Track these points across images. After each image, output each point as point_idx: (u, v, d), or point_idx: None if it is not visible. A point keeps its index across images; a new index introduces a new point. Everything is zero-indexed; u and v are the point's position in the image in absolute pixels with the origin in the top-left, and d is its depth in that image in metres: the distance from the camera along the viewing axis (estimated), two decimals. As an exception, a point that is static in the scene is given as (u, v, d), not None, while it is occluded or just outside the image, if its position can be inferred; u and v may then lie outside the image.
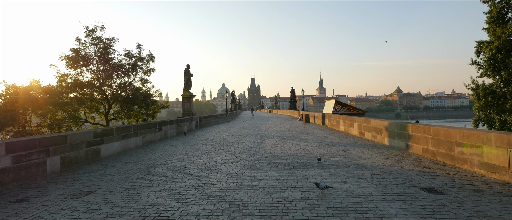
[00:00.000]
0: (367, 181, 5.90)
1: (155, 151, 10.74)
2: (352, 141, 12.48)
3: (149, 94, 18.40)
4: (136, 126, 11.71)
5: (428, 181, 5.86)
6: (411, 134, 9.00)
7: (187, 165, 7.89)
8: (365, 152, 9.42)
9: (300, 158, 8.55)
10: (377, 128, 11.82)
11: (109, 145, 9.50)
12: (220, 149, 10.82)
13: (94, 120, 18.15)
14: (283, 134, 16.05)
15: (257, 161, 8.29)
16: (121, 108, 17.90)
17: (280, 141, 12.72)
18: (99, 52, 15.98)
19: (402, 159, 8.15)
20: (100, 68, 16.21)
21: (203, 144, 12.44)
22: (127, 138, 10.74)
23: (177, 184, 5.97)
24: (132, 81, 17.88)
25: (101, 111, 17.58)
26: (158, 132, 13.93)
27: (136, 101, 16.74)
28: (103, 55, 16.04)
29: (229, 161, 8.32)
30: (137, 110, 18.52)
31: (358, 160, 8.12)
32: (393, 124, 10.35)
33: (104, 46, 15.99)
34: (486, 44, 22.38)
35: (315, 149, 10.37)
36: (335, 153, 9.35)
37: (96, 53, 15.97)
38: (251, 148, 10.87)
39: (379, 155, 8.81)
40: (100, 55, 16.05)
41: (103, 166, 7.99)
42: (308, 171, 6.92)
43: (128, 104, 17.06)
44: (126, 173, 7.16)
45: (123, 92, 17.20)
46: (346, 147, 10.64)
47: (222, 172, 7.00)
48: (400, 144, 9.79)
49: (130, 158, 9.18)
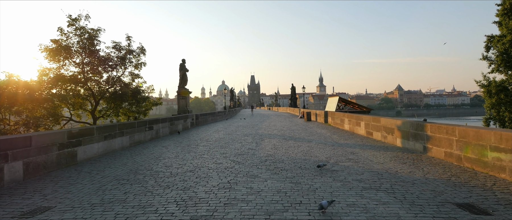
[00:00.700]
0: (388, 195, 4.83)
1: (143, 152, 9.67)
2: (360, 141, 11.41)
3: (140, 90, 17.15)
4: (122, 124, 10.62)
5: (463, 194, 4.79)
6: (430, 135, 7.91)
7: (174, 171, 6.81)
8: (377, 155, 8.35)
9: (304, 163, 7.48)
10: (388, 127, 10.74)
11: (88, 147, 8.41)
12: (215, 150, 9.75)
13: (81, 118, 17.02)
14: (283, 133, 14.97)
15: (254, 166, 7.22)
16: (108, 106, 16.74)
17: (280, 141, 11.65)
18: (83, 44, 14.78)
19: (422, 164, 7.08)
20: (84, 61, 15.01)
21: (197, 144, 11.36)
22: (110, 138, 9.65)
23: (156, 198, 4.89)
24: (121, 76, 16.69)
25: (88, 108, 16.42)
26: (148, 131, 12.84)
27: (125, 97, 15.57)
28: (87, 47, 14.84)
29: (222, 166, 7.24)
30: (128, 107, 17.37)
31: (371, 165, 7.04)
32: (407, 123, 9.26)
33: (89, 37, 14.78)
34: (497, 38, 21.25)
35: (320, 150, 9.29)
36: (343, 156, 8.27)
37: (80, 45, 14.78)
38: (249, 149, 9.80)
39: (394, 159, 7.74)
40: (85, 47, 14.85)
41: (77, 172, 6.92)
42: (315, 179, 5.84)
43: (116, 101, 15.87)
44: (101, 181, 6.09)
45: (111, 88, 15.98)
46: (354, 149, 9.56)
47: (213, 180, 5.92)
48: (416, 146, 8.71)
49: (111, 162, 8.10)
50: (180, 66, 21.07)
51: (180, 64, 21.10)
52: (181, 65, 21.08)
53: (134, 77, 17.43)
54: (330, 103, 25.89)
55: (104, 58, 15.65)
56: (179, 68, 21.07)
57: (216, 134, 15.06)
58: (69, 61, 14.45)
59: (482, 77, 20.86)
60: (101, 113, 16.73)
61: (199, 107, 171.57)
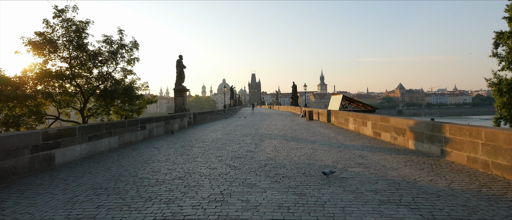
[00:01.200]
0: (413, 212, 4.00)
1: (131, 155, 8.86)
2: (367, 142, 10.58)
3: (132, 86, 16.24)
4: (109, 124, 9.81)
5: (503, 212, 3.96)
6: (449, 137, 7.08)
7: (161, 178, 5.99)
8: (389, 159, 7.51)
9: (309, 168, 6.65)
10: (398, 128, 9.90)
11: (68, 149, 7.60)
12: (210, 153, 8.93)
13: (69, 116, 16.14)
14: (285, 133, 14.14)
15: (253, 172, 6.39)
16: (98, 103, 15.83)
17: (282, 142, 10.82)
18: (70, 37, 13.88)
19: (442, 170, 6.24)
20: (72, 55, 14.11)
21: (191, 146, 10.55)
22: (96, 139, 8.83)
23: (132, 215, 4.08)
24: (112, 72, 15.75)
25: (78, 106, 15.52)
26: (141, 131, 12.03)
27: (115, 94, 14.68)
28: (75, 40, 13.94)
29: (216, 172, 6.42)
30: (120, 105, 16.47)
31: (384, 172, 6.21)
32: (422, 123, 8.42)
33: (76, 29, 13.88)
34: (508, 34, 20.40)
35: (325, 153, 8.47)
36: (351, 160, 7.44)
37: (68, 38, 13.88)
38: (247, 152, 8.97)
39: (409, 164, 6.90)
40: (72, 40, 13.96)
41: (51, 179, 6.10)
42: (322, 190, 5.02)
43: (106, 98, 14.98)
44: (75, 190, 5.28)
45: (101, 85, 15.05)
46: (362, 151, 8.73)
47: (204, 191, 5.10)
48: (432, 149, 7.87)
49: (94, 166, 7.29)
50: (177, 62, 20.24)
51: (177, 61, 20.26)
52: (178, 62, 20.24)
53: (127, 74, 16.53)
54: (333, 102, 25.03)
55: (94, 53, 14.74)
56: (176, 65, 20.24)
57: (214, 134, 14.25)
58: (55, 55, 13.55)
59: (492, 75, 20.00)
60: (91, 111, 15.84)
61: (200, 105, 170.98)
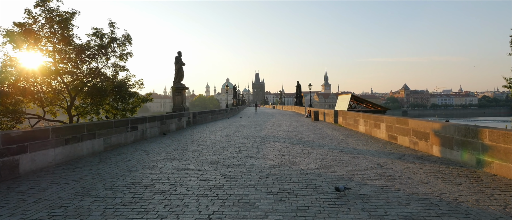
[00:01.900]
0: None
1: (115, 160, 7.77)
2: (382, 147, 9.40)
3: (125, 83, 15.08)
4: (93, 124, 8.73)
5: None
6: (489, 144, 5.89)
7: (139, 193, 4.88)
8: (415, 169, 6.34)
9: (320, 181, 5.50)
10: (419, 131, 8.71)
11: (38, 154, 6.53)
12: (204, 158, 7.82)
13: (57, 115, 15.01)
14: (289, 135, 12.99)
15: (252, 185, 5.26)
16: (85, 102, 14.69)
17: (286, 146, 9.68)
18: (54, 29, 12.76)
19: (486, 187, 5.06)
20: (56, 49, 12.98)
21: (185, 149, 9.44)
22: (75, 141, 7.76)
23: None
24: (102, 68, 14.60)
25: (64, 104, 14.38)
26: (132, 132, 10.95)
27: (103, 92, 13.55)
28: (59, 32, 12.82)
29: (208, 185, 5.30)
30: (113, 103, 15.34)
31: (413, 187, 5.05)
32: (451, 127, 7.22)
33: (60, 20, 12.78)
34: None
35: (336, 160, 7.31)
36: (369, 170, 6.28)
37: (52, 30, 12.78)
38: (247, 157, 7.84)
39: (440, 176, 5.73)
40: (55, 32, 12.86)
41: (7, 192, 5.02)
42: (340, 214, 3.88)
43: (94, 96, 13.88)
44: (27, 211, 4.19)
45: (89, 82, 13.88)
46: (379, 158, 7.56)
47: (187, 213, 3.99)
48: (464, 158, 6.69)
49: (65, 175, 6.20)
50: (176, 59, 19.17)
51: (176, 57, 19.19)
52: (176, 58, 19.17)
53: (119, 70, 15.40)
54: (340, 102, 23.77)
55: (81, 47, 13.61)
56: (175, 62, 19.17)
57: (213, 135, 13.14)
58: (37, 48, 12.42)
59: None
60: (79, 110, 14.72)
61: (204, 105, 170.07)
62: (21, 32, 11.66)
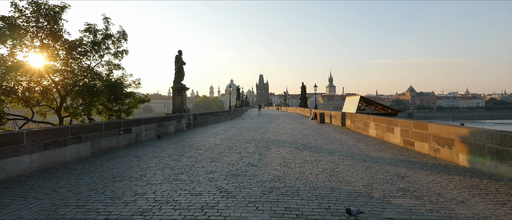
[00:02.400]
0: None
1: (101, 167, 6.95)
2: (398, 154, 8.46)
3: (119, 83, 14.26)
4: (79, 127, 7.93)
5: None
6: (535, 155, 4.95)
7: (115, 213, 4.05)
8: (443, 183, 5.41)
9: (332, 197, 4.62)
10: (441, 137, 7.77)
11: (9, 161, 5.73)
12: (200, 166, 6.96)
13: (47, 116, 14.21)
14: (295, 139, 12.09)
15: (252, 203, 4.40)
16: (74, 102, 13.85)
17: (292, 152, 8.79)
18: (41, 23, 11.94)
19: (538, 208, 4.14)
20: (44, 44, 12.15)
21: (181, 155, 8.60)
22: (55, 146, 6.95)
23: None
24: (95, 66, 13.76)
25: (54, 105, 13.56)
26: (124, 135, 10.14)
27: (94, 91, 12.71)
28: (47, 27, 12.01)
29: (199, 202, 4.44)
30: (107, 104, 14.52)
31: (448, 207, 4.15)
32: (482, 133, 6.28)
33: (48, 14, 11.98)
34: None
35: (349, 170, 6.42)
36: (389, 183, 5.38)
37: (39, 25, 11.97)
38: (248, 166, 6.97)
39: (476, 193, 4.81)
40: (43, 27, 12.07)
41: (-40, 209, 4.22)
42: (365, 249, 2.99)
43: (85, 96, 13.05)
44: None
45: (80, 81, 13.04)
46: (398, 168, 6.64)
47: (169, 245, 3.13)
48: (500, 170, 5.75)
49: (38, 186, 5.39)
50: (176, 58, 18.40)
51: (176, 56, 18.42)
52: (177, 58, 18.40)
53: (113, 68, 14.60)
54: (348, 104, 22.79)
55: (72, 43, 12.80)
56: (175, 61, 18.40)
57: (212, 139, 12.29)
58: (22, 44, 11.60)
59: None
60: (69, 111, 13.90)
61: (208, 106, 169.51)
62: (5, 26, 10.92)
